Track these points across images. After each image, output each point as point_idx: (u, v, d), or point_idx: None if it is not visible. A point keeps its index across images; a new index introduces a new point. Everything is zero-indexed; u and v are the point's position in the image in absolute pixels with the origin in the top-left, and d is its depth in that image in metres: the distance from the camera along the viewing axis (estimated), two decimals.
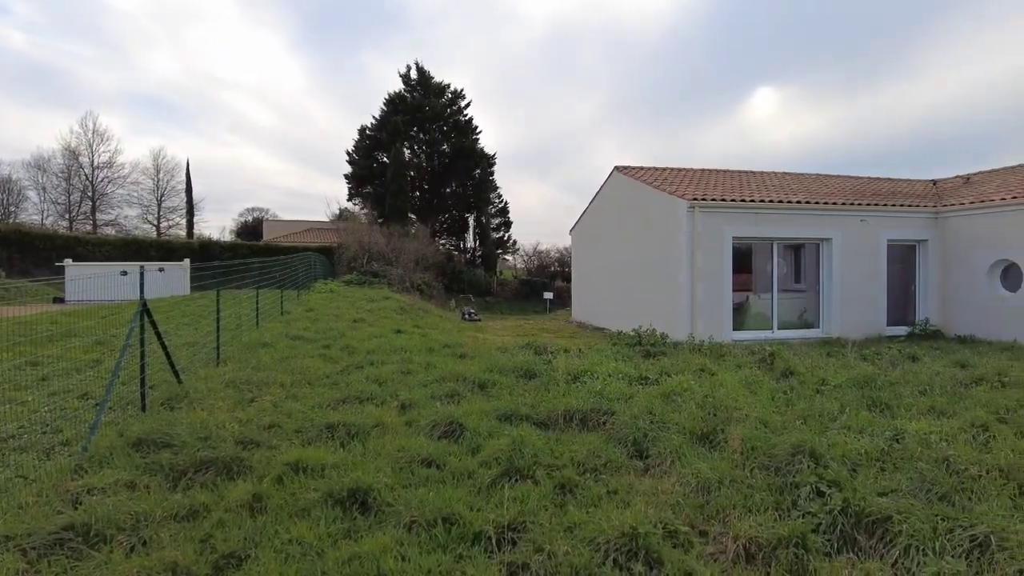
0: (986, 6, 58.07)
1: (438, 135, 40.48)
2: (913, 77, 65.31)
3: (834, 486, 4.27)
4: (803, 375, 8.22)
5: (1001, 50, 59.54)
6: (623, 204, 18.00)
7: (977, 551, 3.51)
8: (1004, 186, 15.79)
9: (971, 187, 17.29)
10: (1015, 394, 7.03)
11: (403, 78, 40.87)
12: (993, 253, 14.67)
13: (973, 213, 15.23)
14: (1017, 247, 14.12)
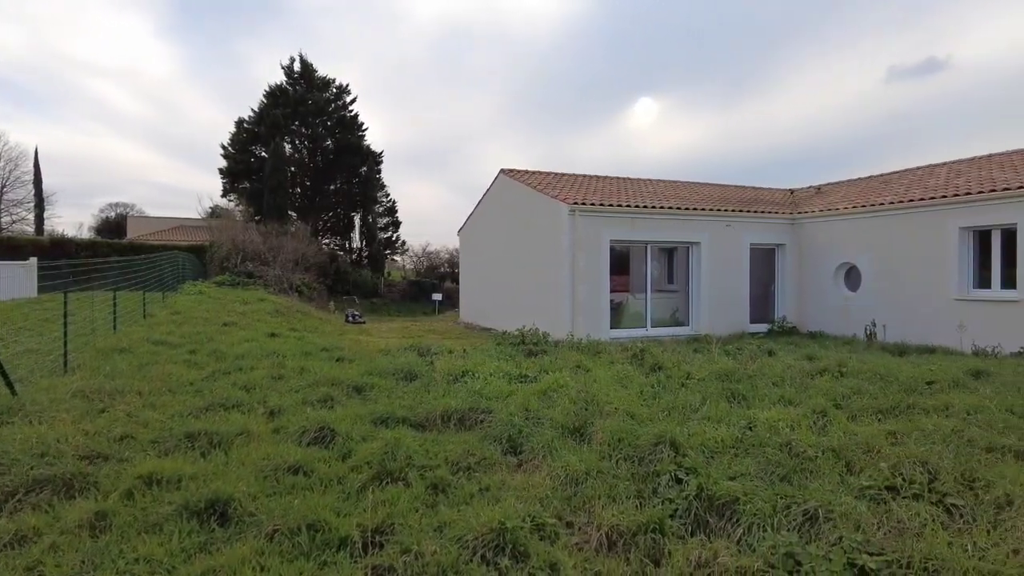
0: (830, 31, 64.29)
1: (322, 130, 39.15)
2: (775, 93, 71.14)
3: (691, 473, 4.53)
4: (670, 370, 8.69)
5: (847, 73, 66.26)
6: (509, 206, 18.24)
7: (808, 524, 3.85)
8: (847, 196, 17.53)
9: (822, 196, 19.06)
10: (850, 383, 7.80)
11: (285, 70, 39.21)
12: (839, 256, 16.24)
13: (822, 220, 16.79)
14: (857, 251, 15.72)
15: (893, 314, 14.53)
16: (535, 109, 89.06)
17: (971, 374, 8.45)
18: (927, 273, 14.00)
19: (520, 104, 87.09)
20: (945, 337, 13.18)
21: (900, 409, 6.62)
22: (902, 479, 4.49)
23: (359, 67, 74.89)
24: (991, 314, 12.70)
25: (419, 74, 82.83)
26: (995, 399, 6.84)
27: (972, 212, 13.32)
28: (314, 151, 39.49)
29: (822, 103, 71.76)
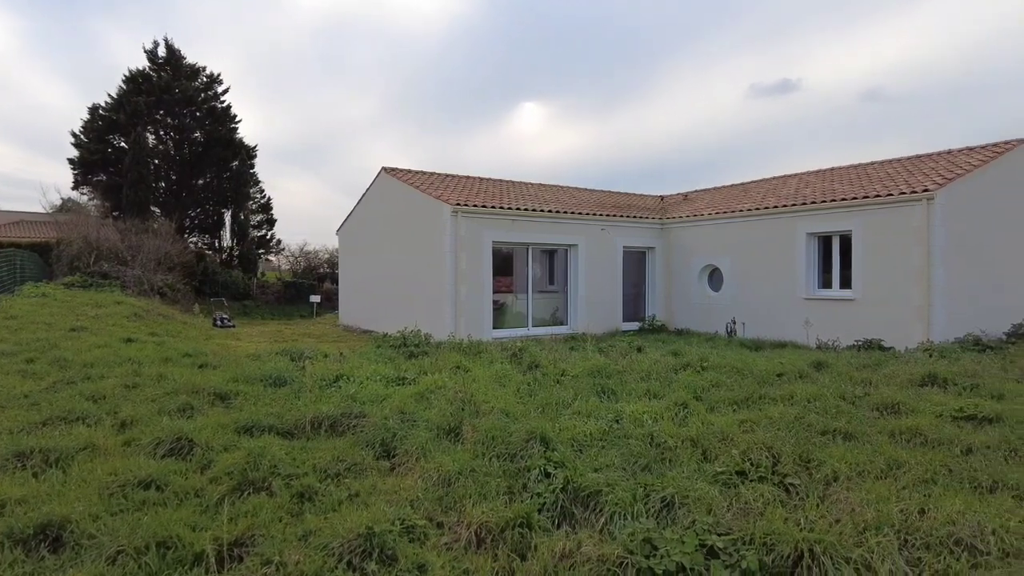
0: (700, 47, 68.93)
1: (190, 121, 36.54)
2: (649, 104, 75.09)
3: (559, 467, 4.66)
4: (547, 368, 8.91)
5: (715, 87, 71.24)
6: (390, 206, 17.94)
7: (666, 510, 4.08)
8: (711, 203, 18.81)
9: (689, 203, 20.32)
10: (710, 377, 8.36)
11: (148, 54, 36.20)
12: (703, 259, 17.38)
13: (689, 225, 17.90)
14: (719, 254, 16.91)
15: (751, 312, 15.77)
16: (420, 108, 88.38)
17: (814, 366, 9.32)
18: (779, 274, 15.32)
19: (404, 103, 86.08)
20: (795, 333, 14.48)
21: (753, 400, 7.18)
22: (750, 464, 4.86)
23: (232, 56, 70.79)
24: (832, 311, 14.11)
25: (298, 66, 79.59)
26: (831, 387, 7.60)
27: (817, 219, 14.73)
28: (181, 143, 36.80)
29: (692, 115, 76.78)
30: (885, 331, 12.76)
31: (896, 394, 7.27)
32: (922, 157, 16.16)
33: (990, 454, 5.30)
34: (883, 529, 3.68)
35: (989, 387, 7.66)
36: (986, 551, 3.57)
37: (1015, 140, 14.84)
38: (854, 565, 3.34)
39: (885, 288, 13.24)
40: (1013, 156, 14.56)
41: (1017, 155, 14.68)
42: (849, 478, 4.66)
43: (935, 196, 12.55)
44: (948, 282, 12.62)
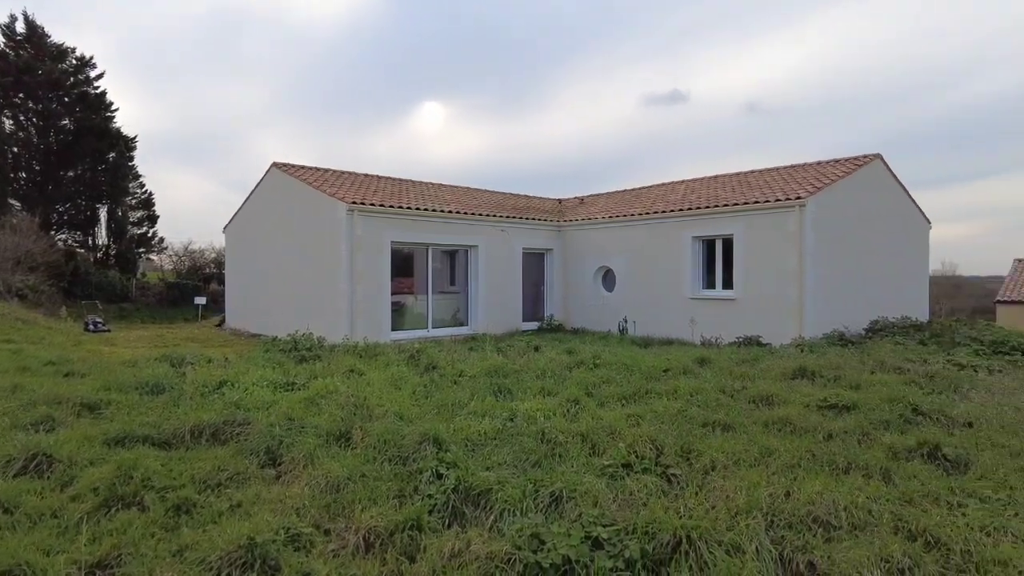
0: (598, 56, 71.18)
1: (57, 107, 33.39)
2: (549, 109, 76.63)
3: (451, 467, 4.65)
4: (444, 369, 8.89)
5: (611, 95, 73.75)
6: (282, 203, 17.24)
7: (554, 504, 4.18)
8: (605, 207, 19.45)
9: (585, 206, 20.90)
10: (602, 373, 8.64)
11: (4, 30, 32.80)
12: (598, 260, 17.94)
13: (584, 228, 18.42)
14: (612, 256, 17.52)
15: (642, 311, 16.45)
16: (316, 103, 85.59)
17: (697, 362, 9.85)
18: (668, 275, 16.07)
19: (299, 97, 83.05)
20: (682, 331, 15.24)
21: (640, 395, 7.49)
22: (636, 456, 5.07)
23: (110, 40, 65.44)
24: (715, 310, 14.97)
25: (184, 54, 74.81)
26: (712, 382, 8.07)
27: (702, 224, 15.57)
28: (46, 130, 33.56)
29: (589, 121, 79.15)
30: (763, 328, 13.71)
31: (770, 387, 7.82)
32: (796, 167, 17.47)
33: (847, 438, 5.82)
34: (752, 512, 3.94)
35: (849, 378, 8.40)
36: (839, 526, 3.91)
37: (872, 154, 16.37)
38: (725, 548, 3.56)
39: (763, 288, 14.21)
40: (871, 168, 16.06)
41: (874, 167, 16.20)
42: (726, 466, 4.96)
43: (806, 203, 13.61)
44: (817, 282, 13.73)
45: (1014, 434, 6.00)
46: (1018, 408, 7.10)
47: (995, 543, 3.69)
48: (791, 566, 3.55)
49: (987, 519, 4.01)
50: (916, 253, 18.44)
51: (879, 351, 10.70)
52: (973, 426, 6.33)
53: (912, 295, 17.54)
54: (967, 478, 4.91)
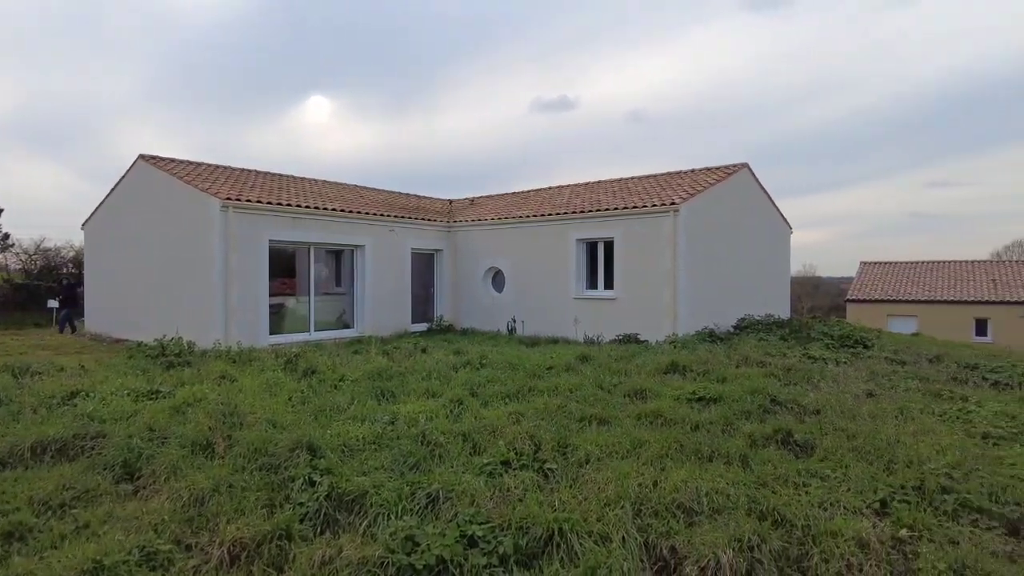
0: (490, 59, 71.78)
1: None
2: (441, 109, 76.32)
3: (325, 474, 4.51)
4: (324, 373, 8.60)
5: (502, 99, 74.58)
6: (149, 198, 15.99)
7: (431, 505, 4.16)
8: (495, 208, 19.63)
9: (475, 207, 20.98)
10: (487, 373, 8.70)
11: None
12: (487, 261, 18.07)
13: (474, 229, 18.49)
14: (501, 257, 17.71)
15: (530, 311, 16.74)
16: (192, 94, 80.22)
17: (579, 359, 10.16)
18: (554, 276, 16.46)
19: (173, 85, 77.51)
20: (567, 330, 15.65)
21: (523, 392, 7.62)
22: (515, 453, 5.14)
23: None
24: (597, 309, 15.51)
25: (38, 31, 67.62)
26: (591, 378, 8.34)
27: (585, 227, 16.08)
28: None
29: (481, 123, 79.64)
30: (641, 326, 14.36)
31: (645, 381, 8.21)
32: (672, 174, 18.46)
33: (712, 428, 6.21)
34: (621, 503, 4.11)
35: (716, 372, 8.98)
36: (700, 511, 4.17)
37: (740, 164, 17.61)
38: (594, 538, 3.68)
39: (641, 288, 14.89)
40: (739, 177, 17.27)
41: (742, 176, 17.43)
42: (599, 459, 5.15)
43: (680, 209, 14.41)
44: (690, 283, 14.56)
45: (852, 419, 6.65)
46: (856, 395, 7.88)
47: (830, 516, 4.07)
48: (655, 551, 3.74)
49: (825, 495, 4.43)
50: (779, 256, 20.02)
51: (744, 346, 11.52)
52: (820, 413, 6.95)
53: (775, 294, 19.03)
54: (812, 460, 5.38)
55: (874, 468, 5.15)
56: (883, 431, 6.14)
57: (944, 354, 11.69)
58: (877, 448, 5.61)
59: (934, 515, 4.32)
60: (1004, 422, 6.98)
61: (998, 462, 5.45)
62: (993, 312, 31.20)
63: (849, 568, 3.52)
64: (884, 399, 7.90)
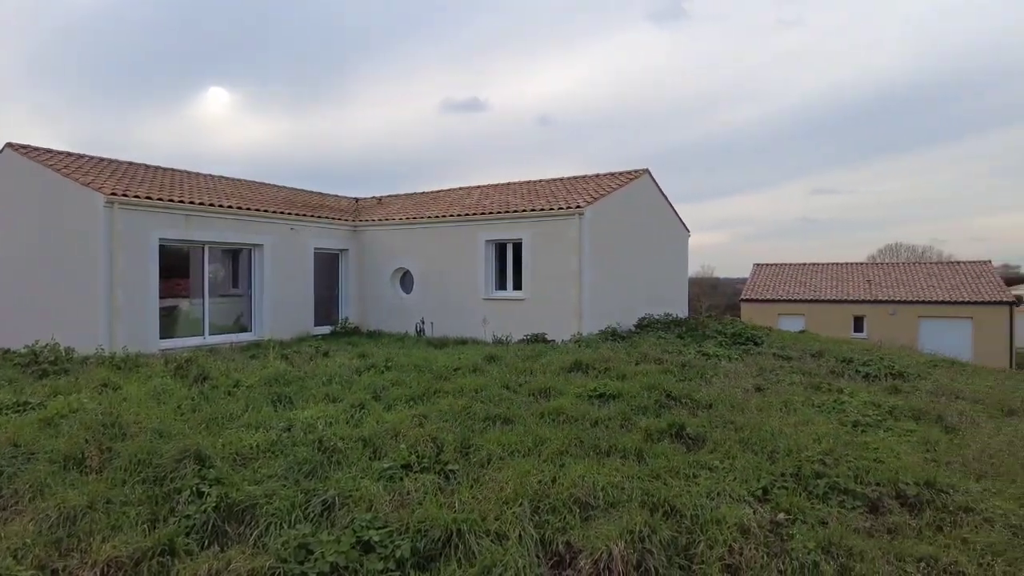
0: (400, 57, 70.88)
1: None
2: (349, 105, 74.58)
3: (215, 484, 4.29)
4: (218, 379, 8.18)
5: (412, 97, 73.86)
6: (20, 192, 14.63)
7: (327, 512, 4.05)
8: (403, 208, 19.38)
9: (383, 207, 20.62)
10: (392, 376, 8.57)
11: None
12: (395, 262, 17.81)
13: (381, 228, 18.18)
14: (410, 257, 17.51)
15: (439, 312, 16.64)
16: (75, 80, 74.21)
17: (487, 359, 10.19)
18: (463, 277, 16.45)
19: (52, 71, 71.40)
20: (476, 330, 15.68)
21: (429, 394, 7.55)
22: (416, 456, 5.09)
23: None
24: (506, 310, 15.64)
25: None
26: (497, 378, 8.39)
27: (494, 228, 16.18)
28: None
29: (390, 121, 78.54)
30: (549, 326, 14.60)
31: (549, 380, 8.35)
32: (578, 178, 18.91)
33: (611, 424, 6.40)
34: (520, 500, 4.16)
35: (617, 369, 9.26)
36: (596, 505, 4.28)
37: (641, 169, 18.28)
38: (491, 537, 3.71)
39: (549, 289, 15.15)
40: (640, 182, 17.92)
41: (643, 181, 18.10)
42: (501, 458, 5.19)
43: (585, 212, 14.78)
44: (594, 283, 14.96)
45: (740, 412, 7.06)
46: (746, 390, 8.37)
47: (716, 506, 4.30)
48: (551, 547, 3.81)
49: (713, 486, 4.67)
50: (678, 258, 20.93)
51: (644, 345, 11.95)
52: (712, 407, 7.32)
53: (674, 294, 19.87)
54: (702, 452, 5.66)
55: (758, 458, 5.48)
56: (768, 423, 6.56)
57: (825, 350, 12.61)
58: (762, 439, 5.98)
59: (808, 499, 4.65)
60: (871, 411, 7.64)
61: (864, 447, 5.95)
62: (868, 310, 33.98)
63: (731, 552, 3.73)
64: (770, 393, 8.43)
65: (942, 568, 3.79)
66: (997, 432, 7.09)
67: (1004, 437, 6.81)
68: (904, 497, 4.83)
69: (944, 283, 34.37)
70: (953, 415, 7.73)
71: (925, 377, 10.51)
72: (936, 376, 10.72)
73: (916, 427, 7.11)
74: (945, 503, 4.76)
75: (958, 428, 7.22)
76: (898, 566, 3.77)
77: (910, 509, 4.71)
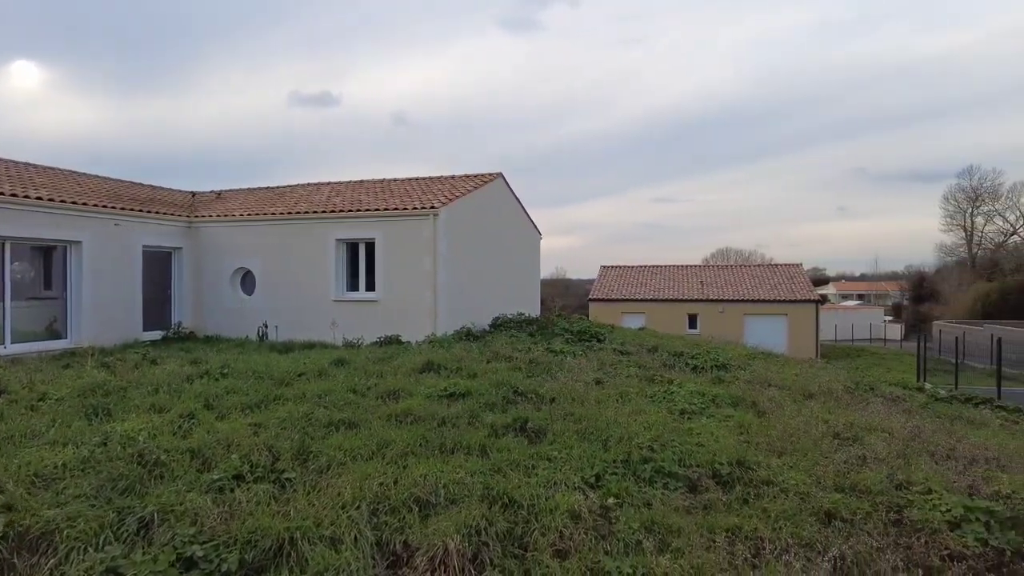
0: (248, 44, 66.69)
1: None
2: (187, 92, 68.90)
3: (5, 511, 3.79)
4: (17, 393, 7.22)
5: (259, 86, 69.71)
6: None
7: (144, 530, 3.73)
8: (246, 204, 18.25)
9: (222, 202, 19.27)
10: (228, 383, 8.04)
11: None
12: (236, 261, 16.73)
13: (221, 225, 17.00)
14: (253, 257, 16.54)
15: (285, 315, 15.86)
16: None
17: (335, 363, 9.88)
18: (312, 278, 15.82)
19: None
20: (325, 333, 15.12)
21: (268, 401, 7.18)
22: (250, 466, 4.83)
23: None
24: (358, 312, 15.26)
25: None
26: (344, 382, 8.18)
27: (346, 227, 15.73)
28: None
29: (234, 111, 73.59)
30: (403, 327, 14.44)
31: (400, 382, 8.28)
32: (433, 179, 18.89)
33: (459, 422, 6.48)
34: (358, 504, 4.09)
35: (468, 368, 9.38)
36: (437, 502, 4.32)
37: (495, 172, 18.66)
38: (325, 542, 3.61)
39: (403, 290, 15.00)
40: (494, 184, 18.29)
41: (497, 184, 18.49)
42: (342, 463, 5.07)
43: (440, 213, 14.81)
44: (449, 284, 15.04)
45: (580, 404, 7.44)
46: (587, 383, 8.82)
47: (552, 495, 4.50)
48: (389, 547, 3.79)
49: (550, 476, 4.88)
50: (530, 259, 21.62)
51: (496, 343, 12.21)
52: (555, 401, 7.64)
53: (527, 295, 20.51)
54: (543, 444, 5.90)
55: (594, 447, 5.81)
56: (604, 414, 6.97)
57: (660, 345, 13.62)
58: (598, 429, 6.34)
59: (636, 483, 5.01)
60: (697, 399, 8.37)
61: (688, 433, 6.51)
62: (701, 308, 37.17)
63: (561, 538, 3.93)
64: (609, 386, 8.96)
65: (744, 535, 4.24)
66: (798, 413, 8.05)
67: (803, 418, 7.74)
68: (719, 476, 5.35)
69: (764, 284, 38.47)
70: (764, 401, 8.68)
71: (744, 368, 11.68)
72: (754, 367, 11.94)
73: (734, 412, 7.88)
74: (752, 479, 5.34)
75: (767, 412, 8.11)
76: (708, 537, 4.17)
77: (723, 486, 5.22)
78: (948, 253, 70.39)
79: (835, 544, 4.17)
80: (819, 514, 4.66)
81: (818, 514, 4.66)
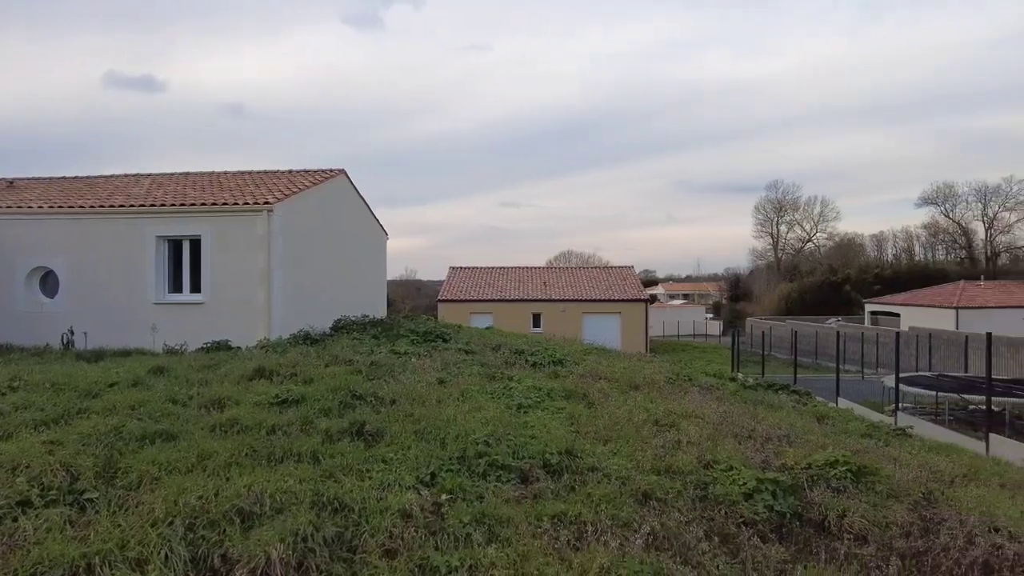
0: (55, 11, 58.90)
1: None
2: None
3: None
4: None
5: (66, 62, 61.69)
6: None
7: None
8: (46, 195, 16.14)
9: (15, 192, 16.87)
10: (18, 398, 7.08)
11: None
12: (34, 259, 14.75)
13: (14, 219, 14.89)
14: (56, 254, 14.68)
15: (95, 320, 14.20)
16: None
17: (153, 371, 9.04)
18: (128, 279, 14.34)
19: None
20: (144, 339, 13.75)
21: (69, 416, 6.42)
22: (40, 489, 4.30)
23: None
24: (182, 315, 14.08)
25: None
26: (162, 392, 7.52)
27: (168, 223, 14.44)
28: None
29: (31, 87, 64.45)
30: (233, 331, 13.50)
31: (226, 390, 7.77)
32: (269, 173, 17.88)
33: (290, 430, 6.21)
34: (171, 520, 3.80)
35: (304, 373, 9.02)
36: (261, 513, 4.12)
37: (338, 169, 18.10)
38: (130, 565, 3.32)
39: (233, 291, 14.03)
40: (336, 181, 17.73)
41: (338, 181, 17.94)
42: (156, 478, 4.67)
43: (274, 209, 14.05)
44: (286, 285, 14.33)
45: (421, 404, 7.45)
46: (429, 383, 8.85)
47: (385, 496, 4.47)
48: (207, 562, 3.56)
49: (384, 477, 4.85)
50: (376, 260, 21.21)
51: (336, 347, 11.83)
52: (395, 403, 7.58)
53: (373, 296, 20.10)
54: (380, 447, 5.84)
55: (431, 446, 5.85)
56: (444, 413, 7.03)
57: (503, 344, 13.99)
58: (436, 428, 6.39)
59: (470, 478, 5.12)
60: (533, 394, 8.71)
61: (524, 426, 6.76)
62: (544, 308, 38.70)
63: (391, 538, 3.92)
64: (451, 385, 9.05)
65: (569, 520, 4.50)
66: (623, 403, 8.66)
67: (627, 407, 8.34)
68: (549, 465, 5.62)
69: (600, 284, 40.91)
70: (594, 392, 9.23)
71: (579, 363, 12.34)
72: (588, 361, 12.66)
73: (566, 404, 8.30)
74: (579, 466, 5.67)
75: (596, 403, 8.63)
76: (536, 525, 4.37)
77: (553, 475, 5.50)
78: (759, 257, 79.85)
79: (648, 521, 4.55)
80: (637, 495, 5.06)
81: (636, 495, 5.06)
